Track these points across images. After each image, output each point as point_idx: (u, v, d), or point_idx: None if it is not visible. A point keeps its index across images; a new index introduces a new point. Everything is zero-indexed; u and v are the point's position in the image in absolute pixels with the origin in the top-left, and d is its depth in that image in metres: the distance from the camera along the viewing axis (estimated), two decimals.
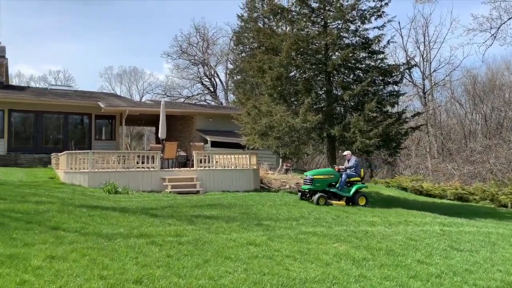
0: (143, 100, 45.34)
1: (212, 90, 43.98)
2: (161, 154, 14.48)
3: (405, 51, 35.47)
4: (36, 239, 5.72)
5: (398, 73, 15.20)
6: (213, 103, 42.99)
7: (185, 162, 16.74)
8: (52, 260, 4.85)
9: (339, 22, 14.69)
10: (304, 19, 14.74)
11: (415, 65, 30.83)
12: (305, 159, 29.96)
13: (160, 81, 78.42)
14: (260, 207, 9.99)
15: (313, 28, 15.07)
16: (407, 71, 20.50)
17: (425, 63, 36.04)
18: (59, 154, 15.85)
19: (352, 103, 14.81)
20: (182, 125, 24.19)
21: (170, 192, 12.68)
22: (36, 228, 6.31)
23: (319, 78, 15.36)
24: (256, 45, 17.06)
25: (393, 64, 15.68)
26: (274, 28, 16.85)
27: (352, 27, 14.87)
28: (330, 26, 14.71)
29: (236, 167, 14.97)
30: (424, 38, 35.90)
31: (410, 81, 34.27)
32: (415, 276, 5.44)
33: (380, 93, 14.72)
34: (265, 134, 13.91)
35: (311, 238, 6.99)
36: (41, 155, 19.81)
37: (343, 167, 12.04)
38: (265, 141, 14.09)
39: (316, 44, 14.75)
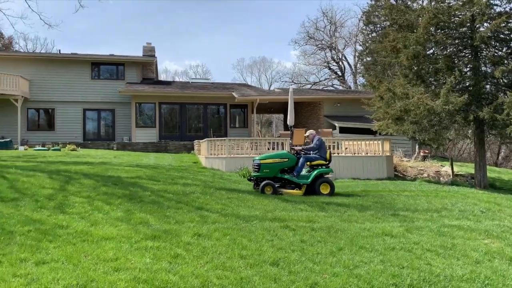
0: (271, 88, 46.84)
1: (340, 74, 43.03)
2: (290, 141, 14.76)
3: None
4: (184, 217, 6.39)
5: None
6: (340, 87, 42.06)
7: None
8: (199, 238, 5.35)
9: None
10: None
11: None
12: (446, 145, 27.30)
13: (287, 69, 79.83)
14: (395, 196, 9.44)
15: None
16: None
17: None
18: (200, 141, 17.44)
19: (506, 81, 12.86)
20: (309, 112, 24.27)
21: None
22: (185, 207, 7.04)
23: (463, 54, 13.73)
24: (388, 24, 15.98)
25: None
26: (409, 3, 15.54)
27: None
28: None
29: (367, 153, 14.43)
30: None
31: None
32: None
33: None
34: (400, 119, 13.04)
35: (456, 232, 6.32)
36: (185, 142, 22.10)
37: (299, 148, 10.19)
38: (400, 126, 13.22)
39: (460, 16, 13.14)
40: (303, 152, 9.88)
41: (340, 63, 42.96)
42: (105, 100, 23.79)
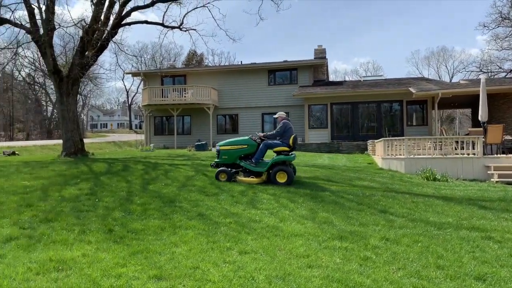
0: (453, 80, 41.99)
1: None
2: (483, 139, 12.91)
3: None
4: (368, 220, 6.23)
5: None
6: None
7: None
8: (387, 242, 5.13)
9: None
10: None
11: None
12: None
13: (473, 57, 70.50)
14: None
15: None
16: None
17: None
18: (375, 141, 16.83)
19: None
20: (505, 105, 20.81)
21: (496, 182, 11.15)
22: (367, 209, 6.88)
23: None
24: None
25: None
26: None
27: None
28: None
29: None
30: None
31: None
32: None
33: None
34: None
35: None
36: (358, 142, 21.71)
37: (262, 134, 9.48)
38: None
39: None
40: (264, 138, 9.35)
41: None
42: (280, 104, 25.32)
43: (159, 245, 4.80)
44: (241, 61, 31.40)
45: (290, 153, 9.13)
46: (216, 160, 9.48)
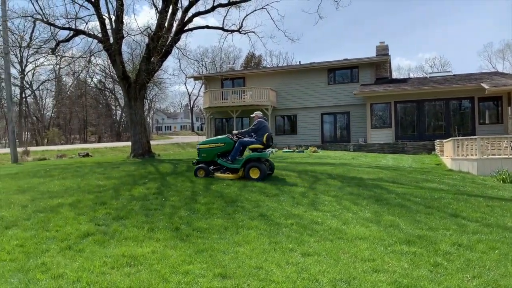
0: None
1: None
2: None
3: None
4: (437, 224, 5.89)
5: None
6: None
7: None
8: (459, 248, 4.82)
9: None
10: None
11: None
12: None
13: None
14: None
15: None
16: None
17: None
18: (444, 140, 15.92)
19: None
20: None
21: None
22: (436, 213, 6.51)
23: None
24: None
25: None
26: None
27: None
28: None
29: None
30: None
31: None
32: None
33: None
34: None
35: None
36: (424, 142, 20.69)
37: (236, 132, 9.95)
38: None
39: None
40: (240, 137, 9.68)
41: None
42: (340, 103, 24.83)
43: (223, 244, 4.90)
44: (300, 61, 31.24)
45: (265, 151, 9.41)
46: (198, 158, 10.00)
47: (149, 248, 4.72)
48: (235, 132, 9.95)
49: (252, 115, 10.29)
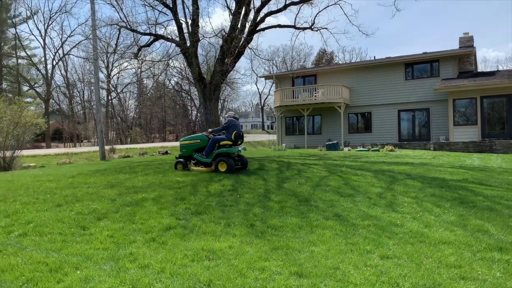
0: None
1: None
2: None
3: None
4: None
5: None
6: None
7: None
8: None
9: None
10: None
11: None
12: None
13: None
14: None
15: None
16: None
17: None
18: None
19: None
20: None
21: None
22: None
23: None
24: None
25: None
26: None
27: None
28: None
29: None
30: None
31: None
32: None
33: None
34: None
35: None
36: None
37: (210, 129, 10.88)
38: None
39: None
40: (214, 134, 10.57)
41: None
42: (419, 99, 23.51)
43: (297, 243, 4.89)
44: (374, 56, 30.13)
45: (234, 147, 10.38)
46: (180, 153, 11.16)
47: (226, 243, 4.87)
48: (210, 130, 10.91)
49: (225, 115, 11.31)
